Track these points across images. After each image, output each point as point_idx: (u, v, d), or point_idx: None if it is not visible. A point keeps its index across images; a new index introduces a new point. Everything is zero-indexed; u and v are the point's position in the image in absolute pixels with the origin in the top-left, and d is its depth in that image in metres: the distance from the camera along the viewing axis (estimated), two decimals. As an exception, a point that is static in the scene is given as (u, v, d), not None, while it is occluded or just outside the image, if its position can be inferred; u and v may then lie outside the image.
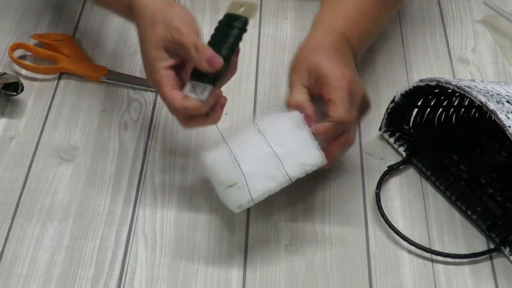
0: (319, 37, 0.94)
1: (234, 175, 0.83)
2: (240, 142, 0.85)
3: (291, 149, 0.84)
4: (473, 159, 0.97)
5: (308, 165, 0.85)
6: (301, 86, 0.89)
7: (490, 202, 0.92)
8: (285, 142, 0.85)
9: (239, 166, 0.83)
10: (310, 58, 0.90)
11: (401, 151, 0.98)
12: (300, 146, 0.85)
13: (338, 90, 0.86)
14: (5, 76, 1.01)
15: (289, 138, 0.85)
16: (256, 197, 0.83)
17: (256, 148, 0.84)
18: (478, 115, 1.00)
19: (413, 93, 0.93)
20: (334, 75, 0.87)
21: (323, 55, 0.90)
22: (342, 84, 0.86)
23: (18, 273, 0.85)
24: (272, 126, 0.86)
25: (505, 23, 1.18)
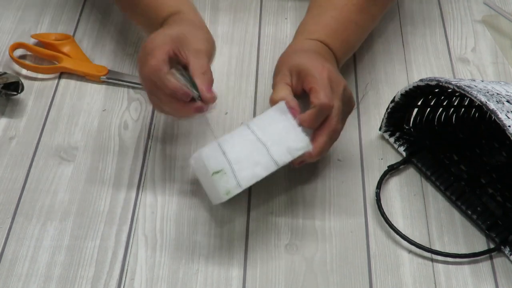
0: (299, 44, 0.97)
1: (220, 161, 0.84)
2: (227, 135, 0.87)
3: (276, 135, 0.85)
4: (473, 159, 0.97)
5: (294, 149, 0.85)
6: (283, 84, 0.90)
7: (490, 202, 0.92)
8: (269, 129, 0.86)
9: (224, 154, 0.84)
10: (291, 58, 0.92)
11: (401, 151, 0.98)
12: (284, 131, 0.86)
13: (319, 79, 0.87)
14: (5, 75, 1.01)
15: (274, 126, 0.86)
16: (244, 182, 0.83)
17: (241, 137, 0.86)
18: (478, 115, 1.00)
19: (413, 93, 0.93)
20: (314, 66, 0.89)
21: (303, 54, 0.93)
22: (322, 74, 0.88)
23: (18, 273, 0.85)
24: (257, 118, 0.88)
25: (505, 23, 1.18)
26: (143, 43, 0.89)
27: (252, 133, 0.86)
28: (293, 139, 0.85)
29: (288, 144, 0.85)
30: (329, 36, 0.97)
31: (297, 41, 0.98)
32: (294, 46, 0.97)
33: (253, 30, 1.15)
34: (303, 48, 0.95)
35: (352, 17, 1.00)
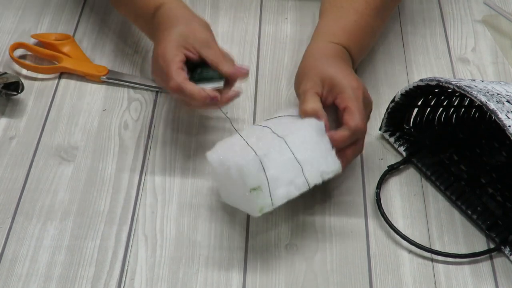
0: (322, 48, 0.95)
1: (260, 179, 0.82)
2: (261, 146, 0.84)
3: (312, 156, 0.85)
4: (473, 159, 0.97)
5: (327, 173, 0.86)
6: (314, 94, 0.89)
7: (490, 202, 0.92)
8: (306, 149, 0.85)
9: (264, 170, 0.82)
10: (322, 67, 0.91)
11: (401, 150, 0.98)
12: (319, 154, 0.85)
13: (354, 100, 0.88)
14: (5, 75, 1.01)
15: (310, 145, 0.85)
16: (277, 201, 0.83)
17: (278, 153, 0.84)
18: (478, 115, 1.00)
19: (413, 92, 0.93)
20: (350, 84, 0.88)
21: (334, 64, 0.92)
22: (357, 94, 0.88)
23: (18, 273, 0.85)
24: (291, 132, 0.86)
25: (505, 23, 1.18)
26: (154, 53, 0.92)
27: (290, 151, 0.84)
28: (327, 163, 0.85)
29: (322, 167, 0.85)
30: (351, 41, 0.97)
31: (318, 44, 0.96)
32: (319, 50, 0.95)
33: (253, 30, 1.15)
34: (330, 54, 0.94)
35: (370, 21, 1.00)
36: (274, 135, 0.86)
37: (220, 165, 0.85)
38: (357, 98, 0.88)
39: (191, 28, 0.93)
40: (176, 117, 1.02)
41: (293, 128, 0.87)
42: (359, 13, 0.99)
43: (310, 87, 0.90)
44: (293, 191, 0.84)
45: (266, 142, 0.85)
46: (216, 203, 0.92)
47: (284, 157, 0.84)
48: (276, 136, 0.86)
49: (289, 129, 0.87)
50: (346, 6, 1.00)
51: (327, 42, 0.96)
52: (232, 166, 0.83)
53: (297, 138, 0.85)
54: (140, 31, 1.07)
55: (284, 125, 0.88)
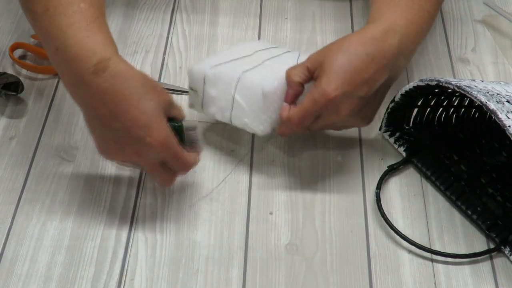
0: (369, 36, 0.88)
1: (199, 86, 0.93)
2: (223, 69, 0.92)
3: (247, 105, 0.90)
4: (473, 159, 0.97)
5: (249, 128, 0.92)
6: (306, 68, 0.88)
7: (490, 202, 0.92)
8: (247, 97, 0.90)
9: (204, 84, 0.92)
10: (333, 53, 0.87)
11: (401, 151, 0.98)
12: (255, 109, 0.90)
13: (314, 102, 0.86)
14: (5, 75, 1.01)
15: (254, 96, 0.90)
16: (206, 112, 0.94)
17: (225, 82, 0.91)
18: (478, 115, 1.00)
19: (413, 92, 0.93)
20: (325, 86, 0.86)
21: (346, 55, 0.87)
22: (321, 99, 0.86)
23: (18, 273, 0.85)
24: (254, 75, 0.91)
25: (505, 23, 1.18)
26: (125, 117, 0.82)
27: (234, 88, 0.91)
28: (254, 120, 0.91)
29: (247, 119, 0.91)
30: (405, 27, 0.90)
31: (370, 27, 0.89)
32: (362, 36, 0.88)
33: (253, 30, 1.15)
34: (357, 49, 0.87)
35: (424, 5, 0.93)
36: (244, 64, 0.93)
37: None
38: (317, 100, 0.86)
39: (157, 93, 0.84)
40: (176, 117, 1.02)
41: (264, 72, 0.91)
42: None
43: (310, 61, 0.89)
44: (220, 117, 0.93)
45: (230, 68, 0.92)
46: (216, 203, 0.92)
47: (226, 88, 0.91)
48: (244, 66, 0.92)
49: (261, 71, 0.92)
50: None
51: (380, 30, 0.88)
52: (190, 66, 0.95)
53: (251, 83, 0.90)
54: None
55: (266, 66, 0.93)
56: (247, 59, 0.95)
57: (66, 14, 0.84)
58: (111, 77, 0.81)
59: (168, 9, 1.18)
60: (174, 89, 1.05)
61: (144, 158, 0.84)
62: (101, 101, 0.82)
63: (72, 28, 0.83)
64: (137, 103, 0.81)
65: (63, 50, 0.83)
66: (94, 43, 0.83)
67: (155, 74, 1.07)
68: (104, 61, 0.82)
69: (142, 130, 0.82)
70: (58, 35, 0.83)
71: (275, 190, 0.94)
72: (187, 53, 1.11)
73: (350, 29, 1.16)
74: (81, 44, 0.82)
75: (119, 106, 0.81)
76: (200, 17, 1.17)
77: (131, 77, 0.82)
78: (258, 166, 0.96)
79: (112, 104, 0.81)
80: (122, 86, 0.82)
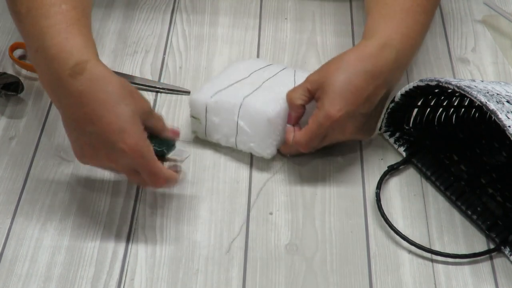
0: (367, 53, 0.90)
1: (201, 114, 0.95)
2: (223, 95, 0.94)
3: (253, 132, 0.93)
4: (473, 159, 0.97)
5: (255, 152, 0.95)
6: (306, 90, 0.90)
7: (490, 202, 0.92)
8: (252, 122, 0.92)
9: (206, 112, 0.94)
10: (332, 73, 0.89)
11: (401, 151, 0.98)
12: (261, 134, 0.92)
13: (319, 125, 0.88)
14: (5, 76, 1.01)
15: (259, 122, 0.92)
16: (210, 138, 0.96)
17: (228, 110, 0.93)
18: (478, 115, 1.00)
19: (413, 93, 0.93)
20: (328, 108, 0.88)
21: (346, 74, 0.88)
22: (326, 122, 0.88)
23: (18, 273, 0.85)
24: (256, 100, 0.93)
25: (505, 23, 1.18)
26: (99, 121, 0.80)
27: (237, 115, 0.93)
28: (260, 145, 0.94)
29: (253, 144, 0.94)
30: (400, 42, 0.91)
31: (367, 43, 0.91)
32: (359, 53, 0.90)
33: (253, 30, 1.15)
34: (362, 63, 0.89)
35: (418, 18, 0.95)
36: (244, 88, 0.94)
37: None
38: (322, 124, 0.88)
39: (135, 99, 0.83)
40: (176, 117, 1.02)
41: (265, 95, 0.93)
42: (405, 11, 0.94)
43: (310, 80, 0.90)
44: (224, 142, 0.96)
45: (231, 94, 0.94)
46: (216, 203, 0.92)
47: (229, 115, 0.93)
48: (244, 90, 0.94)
49: (262, 95, 0.93)
50: (391, 3, 0.95)
51: (377, 46, 0.90)
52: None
53: (254, 109, 0.92)
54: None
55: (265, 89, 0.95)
56: (245, 82, 0.96)
57: (47, 15, 0.84)
58: (88, 80, 0.81)
59: (168, 9, 1.18)
60: (174, 89, 1.05)
61: (118, 164, 0.83)
62: (77, 104, 0.81)
63: (52, 29, 0.83)
64: (113, 108, 0.80)
65: (42, 51, 0.83)
66: (73, 45, 0.83)
67: (155, 74, 1.07)
68: (82, 63, 0.81)
69: (116, 135, 0.81)
70: (38, 36, 0.83)
71: (275, 190, 0.94)
72: (187, 53, 1.11)
73: (350, 29, 1.16)
74: (60, 46, 0.82)
75: (95, 110, 0.81)
76: (200, 17, 1.17)
77: (108, 81, 0.82)
78: (258, 166, 0.96)
79: (87, 108, 0.81)
80: (99, 89, 0.81)
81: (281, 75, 0.98)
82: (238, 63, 1.01)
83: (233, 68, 1.00)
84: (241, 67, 0.99)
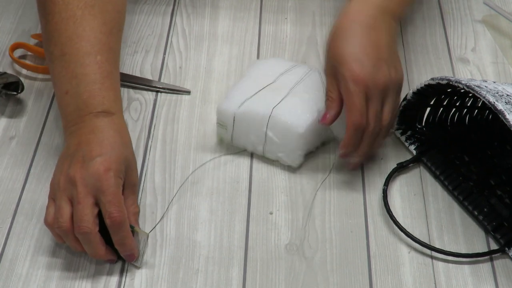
0: (353, 14, 0.91)
1: (228, 122, 0.94)
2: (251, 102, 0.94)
3: (281, 141, 0.93)
4: (484, 160, 0.97)
5: (283, 161, 0.94)
6: (332, 78, 0.90)
7: (498, 204, 0.92)
8: (280, 132, 0.92)
9: (233, 121, 0.94)
10: (336, 47, 0.89)
11: (411, 149, 0.98)
12: (288, 145, 0.92)
13: (352, 93, 0.87)
14: (5, 75, 1.01)
15: (287, 132, 0.92)
16: (236, 144, 0.96)
17: (256, 120, 0.93)
18: (491, 117, 1.00)
19: (425, 91, 0.93)
20: (351, 74, 0.87)
21: (348, 43, 0.89)
22: (356, 86, 0.87)
23: (18, 273, 0.85)
24: (286, 109, 0.92)
25: (505, 23, 1.18)
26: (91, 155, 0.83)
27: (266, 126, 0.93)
28: (288, 154, 0.94)
29: (281, 154, 0.94)
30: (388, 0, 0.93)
31: (352, 9, 0.92)
32: (347, 19, 0.91)
33: (253, 30, 1.15)
34: (354, 27, 0.90)
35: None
36: (272, 95, 0.94)
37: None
38: (354, 91, 0.87)
39: (131, 162, 0.87)
40: (176, 117, 1.02)
41: (295, 107, 0.93)
42: None
43: (328, 70, 0.90)
44: (251, 149, 0.96)
45: (259, 104, 0.93)
46: (216, 203, 0.92)
47: (257, 125, 0.93)
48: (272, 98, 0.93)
49: (291, 105, 0.93)
50: None
51: (360, 5, 0.92)
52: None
53: (284, 123, 0.92)
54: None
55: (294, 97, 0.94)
56: (272, 87, 0.95)
57: (82, 63, 0.89)
58: (107, 121, 0.87)
59: (168, 9, 1.18)
60: (174, 89, 1.05)
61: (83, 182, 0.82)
62: (87, 132, 0.86)
63: (87, 77, 0.88)
64: (113, 145, 0.85)
65: (73, 94, 0.88)
66: (105, 96, 0.88)
67: (155, 74, 1.07)
68: (109, 113, 0.88)
69: (99, 157, 0.83)
70: (71, 81, 0.88)
71: (275, 190, 0.94)
72: (187, 53, 1.11)
73: (350, 29, 1.16)
74: (93, 94, 0.88)
75: (97, 138, 0.85)
76: (200, 17, 1.17)
77: (123, 132, 0.89)
78: (258, 166, 0.96)
79: (93, 136, 0.86)
80: (112, 132, 0.87)
81: (308, 79, 0.97)
82: (262, 63, 1.01)
83: (257, 69, 0.99)
84: (266, 69, 0.98)
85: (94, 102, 0.87)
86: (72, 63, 0.89)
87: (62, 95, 0.89)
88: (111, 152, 0.84)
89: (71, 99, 0.88)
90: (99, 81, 0.88)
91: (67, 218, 0.81)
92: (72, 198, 0.82)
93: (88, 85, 0.88)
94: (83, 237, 0.81)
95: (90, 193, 0.81)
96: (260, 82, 0.96)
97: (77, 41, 0.89)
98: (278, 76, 0.97)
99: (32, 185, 0.93)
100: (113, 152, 0.84)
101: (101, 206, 0.82)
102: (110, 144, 0.85)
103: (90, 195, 0.81)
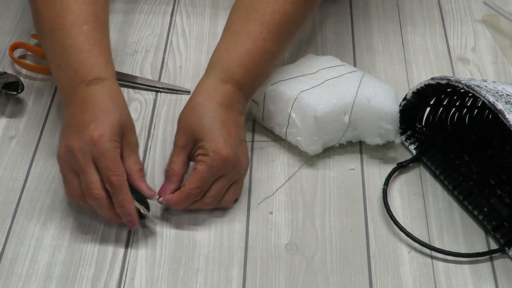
0: (212, 90, 0.91)
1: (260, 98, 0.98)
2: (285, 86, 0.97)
3: (302, 125, 0.94)
4: (484, 160, 0.97)
5: (301, 146, 0.95)
6: (180, 151, 0.89)
7: (498, 203, 0.92)
8: (303, 117, 0.94)
9: (264, 98, 0.97)
10: (197, 123, 0.89)
11: (411, 149, 0.98)
12: (309, 129, 0.94)
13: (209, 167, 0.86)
14: (5, 75, 1.01)
15: (309, 118, 0.93)
16: (265, 123, 0.99)
17: (284, 101, 0.96)
18: (491, 117, 1.00)
19: (424, 91, 0.93)
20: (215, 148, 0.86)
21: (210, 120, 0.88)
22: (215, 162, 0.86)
23: (18, 273, 0.85)
24: (312, 94, 0.95)
25: (505, 23, 1.18)
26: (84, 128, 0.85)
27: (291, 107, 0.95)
28: (306, 139, 0.95)
29: (300, 137, 0.95)
30: (244, 76, 0.91)
31: (211, 81, 0.91)
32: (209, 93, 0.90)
33: (253, 30, 1.15)
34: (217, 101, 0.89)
35: (267, 46, 0.93)
36: (305, 82, 0.96)
37: None
38: (211, 164, 0.86)
39: (128, 122, 0.88)
40: (176, 117, 1.02)
41: (321, 94, 0.95)
42: (252, 39, 0.92)
43: (179, 141, 0.89)
44: (277, 131, 0.98)
45: (290, 86, 0.96)
46: (216, 203, 0.92)
47: (283, 105, 0.95)
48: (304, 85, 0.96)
49: (319, 92, 0.95)
50: (239, 30, 0.93)
51: (218, 81, 0.91)
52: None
53: (306, 104, 0.94)
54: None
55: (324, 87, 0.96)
56: (309, 77, 0.97)
57: (70, 35, 0.90)
58: (99, 88, 0.88)
59: (168, 9, 1.18)
60: (174, 89, 1.05)
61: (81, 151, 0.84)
62: (82, 102, 0.87)
63: (75, 48, 0.90)
64: (105, 109, 0.86)
65: (64, 67, 0.90)
66: (94, 63, 0.90)
67: (155, 74, 1.07)
68: (100, 79, 0.89)
69: (92, 123, 0.85)
70: (62, 54, 0.90)
71: (275, 190, 0.94)
72: (187, 53, 1.11)
73: (350, 29, 1.16)
74: (83, 63, 0.89)
75: (90, 106, 0.87)
76: (200, 17, 1.17)
77: (116, 96, 0.89)
78: (258, 166, 0.96)
79: (87, 104, 0.87)
80: (105, 97, 0.87)
81: (347, 77, 0.98)
82: (313, 57, 1.02)
83: (307, 61, 1.01)
84: (314, 62, 1.01)
85: (85, 71, 0.89)
86: (60, 37, 0.91)
87: (55, 69, 0.91)
88: (103, 117, 0.85)
89: (63, 72, 0.90)
90: (87, 50, 0.90)
91: (76, 188, 0.85)
92: (76, 169, 0.85)
93: (77, 55, 0.89)
94: (96, 203, 0.84)
95: (90, 160, 0.84)
96: (301, 70, 0.98)
97: (63, 15, 0.91)
98: (320, 69, 0.99)
99: (32, 185, 0.93)
100: (105, 116, 0.85)
101: (100, 172, 0.84)
102: (103, 109, 0.86)
103: (91, 162, 0.84)
